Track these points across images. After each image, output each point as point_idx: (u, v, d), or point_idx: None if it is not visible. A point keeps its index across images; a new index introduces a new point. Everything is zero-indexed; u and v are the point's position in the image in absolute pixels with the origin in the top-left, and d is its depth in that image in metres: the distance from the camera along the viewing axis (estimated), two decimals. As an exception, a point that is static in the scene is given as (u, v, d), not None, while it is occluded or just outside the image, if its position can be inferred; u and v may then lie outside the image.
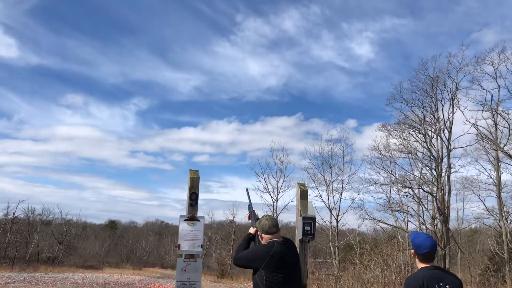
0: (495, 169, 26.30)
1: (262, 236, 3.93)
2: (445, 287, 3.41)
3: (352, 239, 35.20)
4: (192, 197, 4.23)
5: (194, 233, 4.13)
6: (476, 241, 34.17)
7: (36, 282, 19.77)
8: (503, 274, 24.37)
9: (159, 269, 50.07)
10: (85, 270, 34.94)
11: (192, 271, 4.04)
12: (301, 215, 4.69)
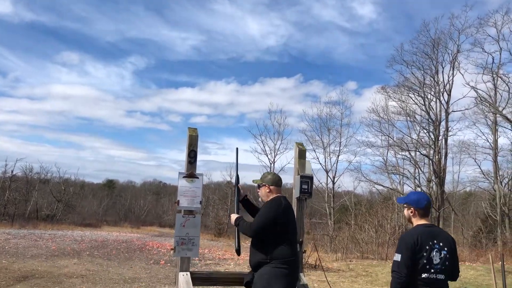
0: (493, 133, 26.39)
1: (271, 189, 3.95)
2: (439, 244, 3.46)
3: (348, 200, 35.67)
4: (191, 155, 4.21)
5: (193, 190, 4.14)
6: (470, 204, 34.69)
7: (36, 238, 20.09)
8: (495, 235, 24.89)
9: (157, 227, 50.93)
10: (83, 228, 35.46)
11: (191, 226, 4.07)
12: (299, 174, 4.70)
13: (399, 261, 3.39)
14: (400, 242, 3.53)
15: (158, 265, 13.72)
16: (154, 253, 17.64)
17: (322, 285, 11.45)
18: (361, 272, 14.01)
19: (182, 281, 3.92)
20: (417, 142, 27.71)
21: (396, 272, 3.39)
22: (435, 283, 3.42)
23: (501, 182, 26.37)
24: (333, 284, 11.67)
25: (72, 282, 9.41)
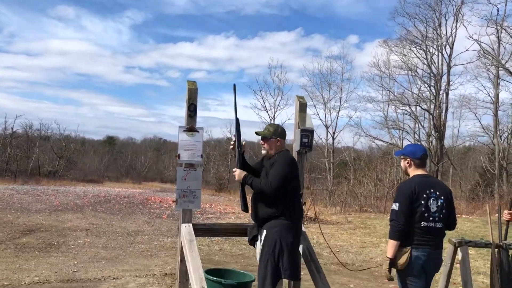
0: (494, 87, 26.20)
1: (281, 142, 3.94)
2: (436, 193, 3.52)
3: (347, 156, 35.87)
4: (190, 108, 4.18)
5: (194, 144, 4.14)
6: (469, 158, 34.94)
7: (39, 194, 20.38)
8: (492, 189, 25.23)
9: (159, 183, 51.53)
10: (86, 183, 35.90)
11: (192, 179, 4.11)
12: (299, 127, 4.69)
13: (397, 210, 3.45)
14: (397, 191, 3.60)
15: (160, 219, 13.98)
16: (156, 207, 17.93)
17: (321, 237, 11.70)
18: (359, 225, 14.30)
19: (184, 232, 4.00)
20: (418, 96, 27.56)
21: (394, 220, 3.46)
22: (434, 231, 3.48)
23: (500, 136, 26.44)
24: (332, 236, 11.95)
25: (76, 235, 9.62)
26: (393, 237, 3.44)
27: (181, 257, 4.03)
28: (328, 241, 10.94)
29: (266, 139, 3.93)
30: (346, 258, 9.05)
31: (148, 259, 7.63)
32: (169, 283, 5.89)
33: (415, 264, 3.42)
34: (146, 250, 8.53)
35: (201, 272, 3.79)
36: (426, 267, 3.46)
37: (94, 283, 5.79)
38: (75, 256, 7.51)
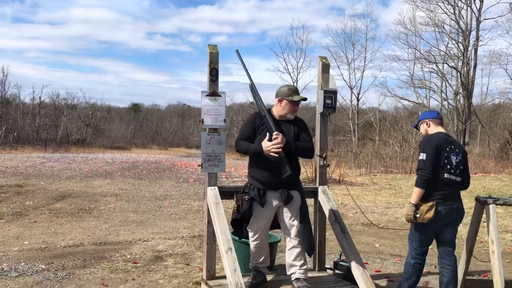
0: (526, 41, 25.14)
1: (288, 101, 3.80)
2: (455, 150, 3.73)
3: (372, 117, 35.39)
4: (212, 73, 4.17)
5: (216, 108, 4.15)
6: (498, 116, 34.01)
7: (69, 161, 20.96)
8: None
9: (184, 148, 52.24)
10: (113, 150, 36.68)
11: (217, 143, 4.15)
12: (322, 88, 4.64)
13: (424, 159, 3.62)
14: (425, 143, 3.74)
15: (187, 183, 14.26)
16: (183, 172, 18.26)
17: (346, 198, 11.76)
18: (384, 186, 14.27)
19: (210, 195, 4.08)
20: (445, 54, 26.72)
21: (422, 170, 3.61)
22: (453, 184, 3.67)
23: (532, 92, 25.58)
24: (357, 197, 11.98)
25: (107, 200, 9.93)
26: (420, 185, 3.59)
27: (208, 219, 4.13)
28: (353, 202, 10.99)
29: (297, 104, 3.89)
30: (371, 218, 9.09)
31: (176, 222, 7.85)
32: (197, 244, 6.06)
33: (437, 217, 3.60)
34: (174, 213, 8.75)
35: (228, 234, 3.88)
36: (446, 219, 3.67)
37: (125, 245, 6.01)
38: (106, 220, 7.77)
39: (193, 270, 4.97)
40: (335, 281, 4.27)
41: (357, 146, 27.85)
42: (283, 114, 3.86)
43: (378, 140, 25.44)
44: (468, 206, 5.21)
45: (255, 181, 3.86)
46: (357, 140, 31.66)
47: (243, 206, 3.85)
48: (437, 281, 4.01)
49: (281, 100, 3.86)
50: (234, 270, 3.63)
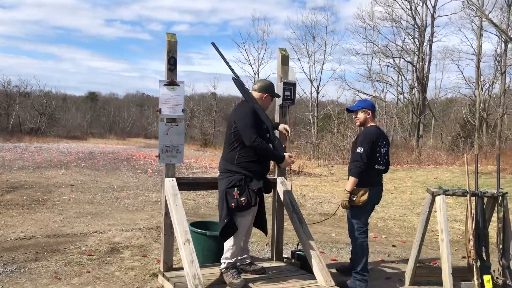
0: (477, 38, 26.17)
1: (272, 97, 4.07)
2: (383, 142, 4.32)
3: (331, 109, 35.91)
4: (170, 62, 4.10)
5: (175, 98, 4.10)
6: (451, 110, 35.32)
7: (22, 151, 20.18)
8: (472, 140, 25.72)
9: (143, 139, 51.34)
10: (69, 140, 35.59)
11: (175, 134, 4.09)
12: (282, 80, 4.66)
13: (361, 153, 4.15)
14: (364, 137, 4.23)
15: (145, 174, 14.04)
16: (141, 163, 17.95)
17: (305, 189, 11.93)
18: (342, 177, 14.56)
19: (168, 186, 4.04)
20: (402, 48, 27.45)
21: (358, 161, 4.15)
22: (381, 172, 4.37)
23: (482, 87, 26.67)
24: (315, 188, 12.17)
25: (61, 191, 9.63)
26: (355, 175, 4.14)
27: (165, 210, 4.09)
28: (311, 193, 11.17)
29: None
30: (328, 208, 9.27)
31: (134, 214, 7.72)
32: (155, 236, 5.99)
33: (370, 200, 4.21)
34: (132, 204, 8.61)
35: (186, 225, 3.86)
36: (375, 201, 4.35)
37: (80, 237, 5.87)
38: (61, 212, 7.55)
39: (150, 262, 4.91)
40: (292, 270, 4.34)
41: (316, 138, 28.26)
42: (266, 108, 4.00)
43: (337, 132, 25.87)
44: (421, 196, 5.39)
45: (251, 173, 3.78)
46: (316, 132, 32.10)
47: (253, 199, 3.72)
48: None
49: (267, 96, 3.96)
50: (191, 262, 3.62)
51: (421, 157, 20.21)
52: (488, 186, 10.05)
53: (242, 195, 3.70)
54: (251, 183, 3.76)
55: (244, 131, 3.70)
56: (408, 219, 8.31)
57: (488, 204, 4.27)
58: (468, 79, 28.28)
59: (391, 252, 5.92)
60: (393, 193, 11.07)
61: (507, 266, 4.01)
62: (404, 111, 28.50)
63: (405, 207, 9.39)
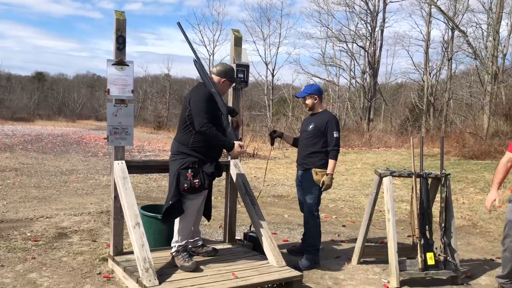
0: (426, 25, 27.01)
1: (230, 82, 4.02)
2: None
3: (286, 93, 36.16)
4: (119, 41, 3.96)
5: (124, 78, 3.97)
6: (400, 94, 36.43)
7: (-38, 134, 19.12)
8: (420, 123, 26.70)
9: (94, 121, 49.90)
10: (14, 122, 34.06)
11: (124, 115, 3.98)
12: (235, 62, 4.62)
13: (339, 137, 4.39)
14: (336, 122, 4.43)
15: (96, 157, 13.67)
16: (92, 146, 17.46)
17: (259, 171, 12.01)
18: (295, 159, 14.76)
19: (117, 169, 3.93)
20: (355, 33, 27.91)
21: (339, 145, 4.39)
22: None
23: (429, 73, 27.65)
24: (269, 170, 12.28)
25: (5, 175, 9.22)
26: (336, 159, 4.38)
27: (115, 194, 3.99)
28: (265, 175, 11.25)
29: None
30: (282, 190, 9.39)
31: (83, 198, 7.51)
32: (105, 220, 5.86)
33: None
34: (81, 188, 8.37)
35: (136, 208, 3.78)
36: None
37: (25, 222, 5.64)
38: (4, 196, 7.23)
39: (100, 246, 4.80)
40: (244, 252, 4.37)
41: (271, 121, 28.42)
42: (224, 94, 3.97)
43: (291, 115, 26.12)
44: (371, 178, 5.54)
45: (204, 156, 3.74)
46: (272, 115, 32.28)
47: (206, 181, 3.73)
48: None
49: (225, 81, 3.90)
50: (142, 245, 3.57)
51: (372, 140, 20.79)
52: (434, 168, 10.49)
53: (196, 177, 3.67)
54: (204, 166, 3.74)
55: (196, 115, 3.64)
56: (357, 200, 8.56)
57: (432, 185, 4.45)
58: (417, 65, 29.26)
59: (341, 232, 6.08)
60: (344, 175, 11.35)
61: (448, 244, 4.21)
62: (356, 95, 29.13)
63: (355, 188, 9.66)
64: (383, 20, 26.73)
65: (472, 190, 9.00)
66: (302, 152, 4.55)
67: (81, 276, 3.90)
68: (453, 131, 20.33)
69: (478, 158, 13.56)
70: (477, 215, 7.34)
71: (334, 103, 29.92)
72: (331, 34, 29.18)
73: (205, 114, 3.62)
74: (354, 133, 22.88)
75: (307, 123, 4.63)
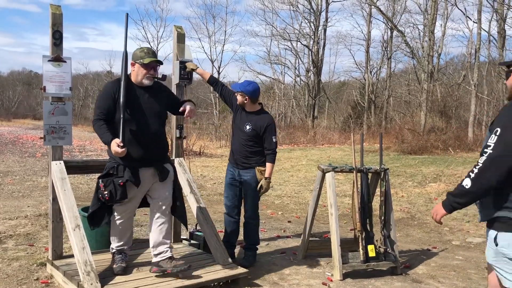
0: (367, 25, 27.91)
1: (140, 64, 3.52)
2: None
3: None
4: (55, 36, 3.80)
5: (61, 75, 3.81)
6: (343, 92, 37.47)
7: None
8: (361, 120, 27.58)
9: (31, 120, 47.58)
10: None
11: (61, 114, 3.81)
12: (178, 59, 4.56)
13: (276, 141, 4.36)
14: (275, 126, 4.41)
15: (34, 158, 13.06)
16: (29, 146, 16.66)
17: (206, 169, 11.95)
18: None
19: (55, 170, 3.77)
20: (299, 32, 28.35)
21: (276, 149, 4.32)
22: None
23: (370, 72, 28.62)
24: (216, 168, 12.24)
25: None
26: (274, 162, 4.30)
27: (53, 195, 3.83)
28: (212, 174, 11.21)
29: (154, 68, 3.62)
30: (228, 188, 9.37)
31: (19, 200, 7.15)
32: (44, 224, 5.61)
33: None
34: (17, 191, 7.96)
35: (76, 210, 3.65)
36: None
37: (-45, 229, 5.30)
38: None
39: (38, 250, 4.59)
40: (190, 251, 4.33)
41: (218, 119, 28.33)
42: (140, 80, 3.54)
43: (237, 113, 26.16)
44: (315, 174, 5.65)
45: (124, 159, 3.41)
46: (218, 113, 32.16)
47: (118, 192, 3.39)
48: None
49: (133, 64, 3.55)
50: (82, 248, 3.45)
51: (316, 137, 21.25)
52: (375, 163, 10.86)
53: (107, 187, 3.39)
54: (118, 174, 3.43)
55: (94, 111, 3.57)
56: (302, 195, 8.71)
57: (372, 180, 4.60)
58: (359, 63, 30.19)
59: (287, 227, 6.17)
60: (290, 172, 11.52)
61: (388, 236, 4.37)
62: (301, 93, 29.62)
63: (300, 184, 9.83)
64: (326, 20, 27.34)
65: (410, 184, 9.40)
66: (241, 151, 4.33)
67: (17, 283, 3.71)
68: (392, 127, 21.16)
69: (416, 153, 14.20)
70: (415, 207, 7.68)
71: (280, 100, 30.28)
72: (276, 33, 29.49)
73: (97, 110, 3.48)
74: (299, 130, 23.27)
75: (242, 121, 4.37)
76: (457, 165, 10.76)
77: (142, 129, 3.48)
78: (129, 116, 3.42)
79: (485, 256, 2.44)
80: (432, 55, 20.47)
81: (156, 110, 3.58)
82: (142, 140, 3.49)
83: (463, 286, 4.10)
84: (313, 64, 27.27)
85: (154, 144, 3.55)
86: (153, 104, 3.58)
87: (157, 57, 3.62)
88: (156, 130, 3.56)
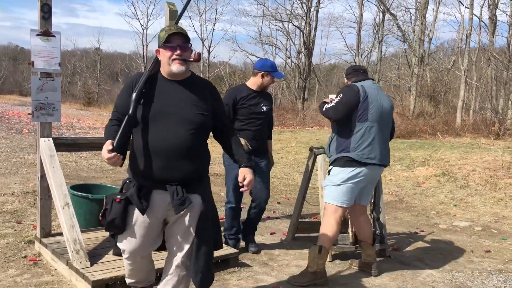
0: (359, 7, 27.73)
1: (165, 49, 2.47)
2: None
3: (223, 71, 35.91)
4: (44, 9, 3.69)
5: (50, 50, 3.72)
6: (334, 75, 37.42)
7: None
8: (351, 104, 27.63)
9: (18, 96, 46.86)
10: None
11: (50, 90, 3.74)
12: (170, 37, 4.47)
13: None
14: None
15: (20, 134, 12.88)
16: (16, 122, 16.43)
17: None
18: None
19: (44, 147, 3.71)
20: (291, 13, 28.10)
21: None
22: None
23: (361, 55, 28.57)
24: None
25: None
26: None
27: (41, 173, 3.77)
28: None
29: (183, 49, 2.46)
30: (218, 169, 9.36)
31: (6, 177, 7.06)
32: (31, 201, 5.56)
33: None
34: (4, 167, 7.86)
35: (65, 188, 3.61)
36: None
37: None
38: None
39: (25, 228, 4.55)
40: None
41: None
42: (168, 70, 2.48)
43: (227, 93, 26.04)
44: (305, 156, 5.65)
45: (136, 175, 2.50)
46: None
47: (112, 211, 2.44)
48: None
49: (157, 51, 2.51)
50: (72, 226, 3.42)
51: (306, 119, 21.25)
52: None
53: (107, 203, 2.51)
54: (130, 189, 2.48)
55: None
56: (292, 177, 8.74)
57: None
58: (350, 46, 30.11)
59: (276, 209, 6.19)
60: (279, 153, 11.52)
61: (377, 218, 4.40)
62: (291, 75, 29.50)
63: (289, 166, 9.85)
64: (318, 1, 27.10)
65: (399, 168, 9.47)
66: (263, 137, 4.10)
67: (4, 260, 3.68)
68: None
69: (404, 137, 14.27)
70: (403, 191, 7.75)
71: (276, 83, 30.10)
72: (268, 13, 29.20)
73: (113, 108, 2.62)
74: (289, 112, 23.24)
75: (256, 101, 4.06)
76: (445, 150, 10.86)
77: (162, 137, 2.43)
78: (144, 117, 2.45)
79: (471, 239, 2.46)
80: (423, 40, 20.45)
81: (189, 114, 2.47)
82: (160, 151, 2.43)
83: (450, 268, 4.16)
84: (304, 46, 27.12)
85: (178, 159, 2.44)
86: (188, 105, 2.49)
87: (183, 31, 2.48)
88: (185, 141, 2.44)
